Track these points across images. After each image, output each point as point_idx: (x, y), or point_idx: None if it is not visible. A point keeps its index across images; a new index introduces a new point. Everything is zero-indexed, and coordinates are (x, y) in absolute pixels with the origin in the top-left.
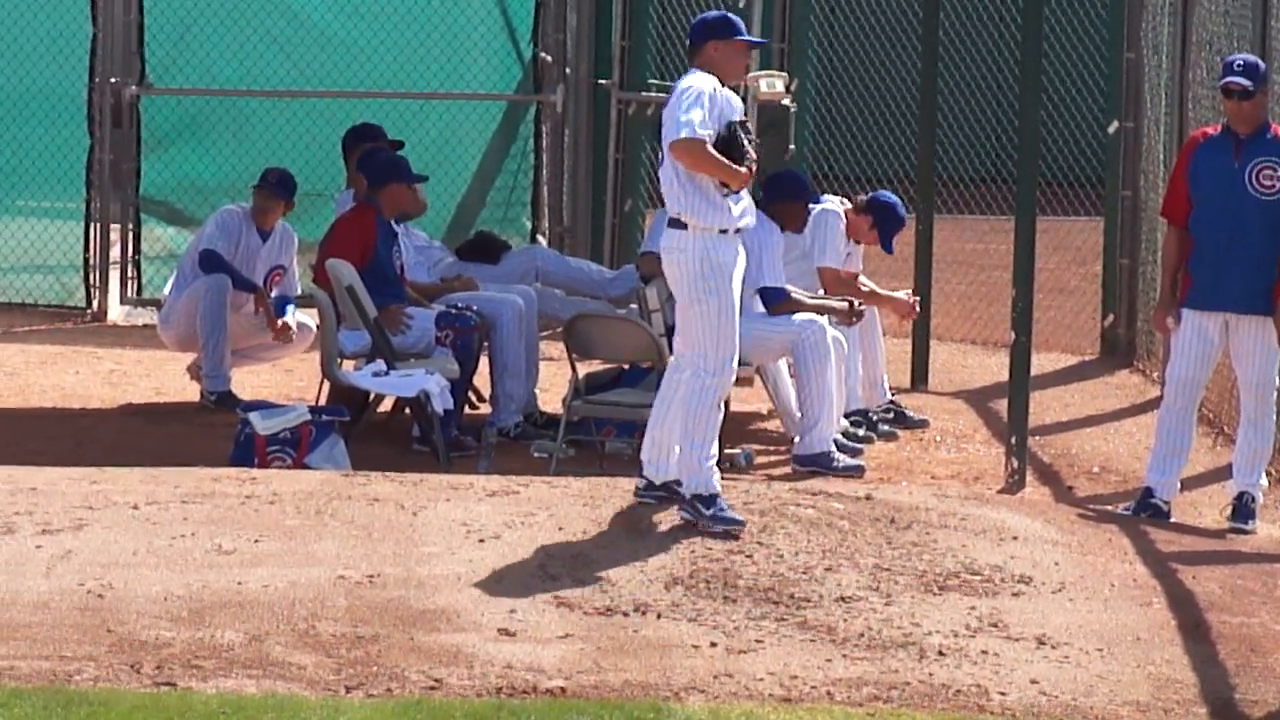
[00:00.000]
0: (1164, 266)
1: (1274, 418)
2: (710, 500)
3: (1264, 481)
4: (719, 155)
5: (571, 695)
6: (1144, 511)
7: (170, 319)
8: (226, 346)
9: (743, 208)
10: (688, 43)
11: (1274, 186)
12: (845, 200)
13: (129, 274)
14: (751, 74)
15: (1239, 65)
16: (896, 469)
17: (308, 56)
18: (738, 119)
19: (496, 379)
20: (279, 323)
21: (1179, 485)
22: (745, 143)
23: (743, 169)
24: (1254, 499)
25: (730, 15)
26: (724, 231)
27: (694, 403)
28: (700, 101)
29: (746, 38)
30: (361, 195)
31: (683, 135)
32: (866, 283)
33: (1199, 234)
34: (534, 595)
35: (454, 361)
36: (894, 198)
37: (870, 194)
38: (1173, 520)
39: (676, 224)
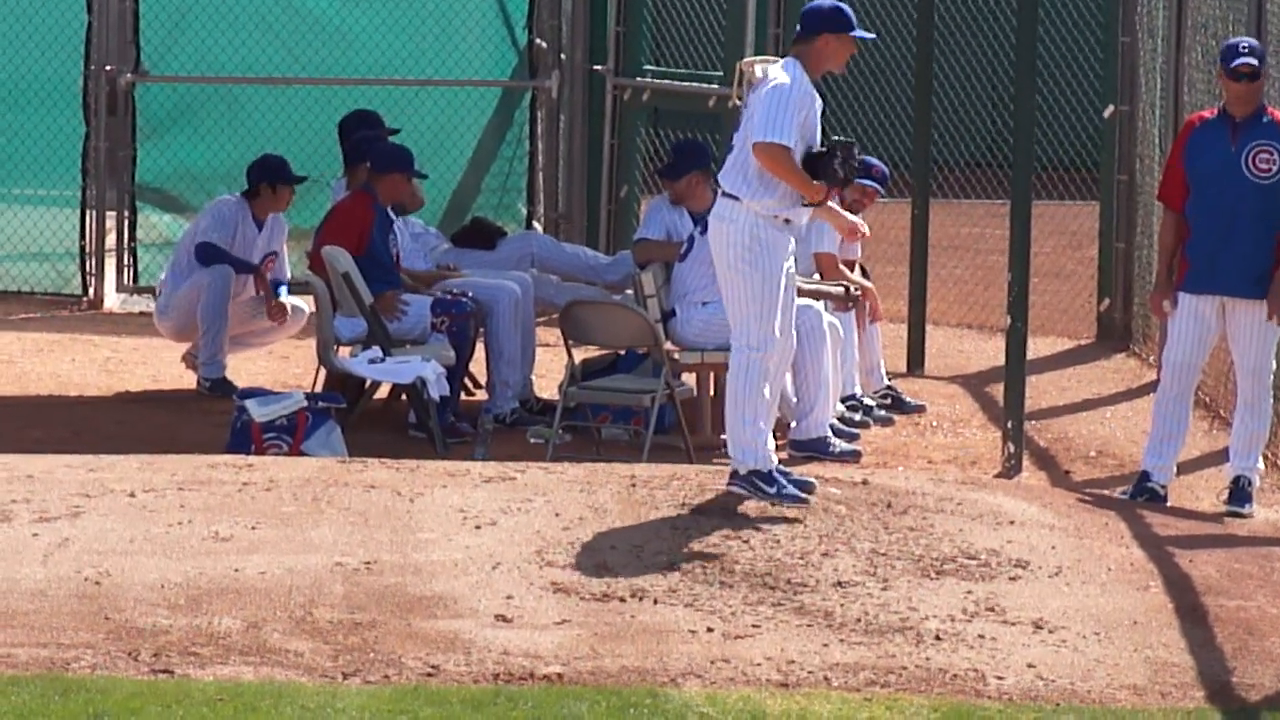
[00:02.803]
0: (1160, 250)
1: (1270, 401)
2: (769, 477)
3: (1260, 465)
4: (799, 167)
5: (568, 681)
6: (1141, 495)
7: (169, 309)
8: (225, 336)
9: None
10: (797, 29)
11: (1270, 170)
12: None
13: (125, 262)
14: (746, 59)
15: (1245, 47)
16: (893, 454)
17: (303, 43)
18: (845, 141)
19: (492, 365)
20: (274, 302)
21: (1175, 469)
22: (838, 166)
23: (818, 185)
24: (1250, 483)
25: (843, 7)
26: (777, 217)
27: (740, 379)
28: (793, 103)
29: (859, 34)
30: (358, 182)
31: (769, 139)
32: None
33: (1195, 218)
34: (530, 581)
35: (450, 348)
36: None
37: None
38: (1169, 504)
39: (731, 195)
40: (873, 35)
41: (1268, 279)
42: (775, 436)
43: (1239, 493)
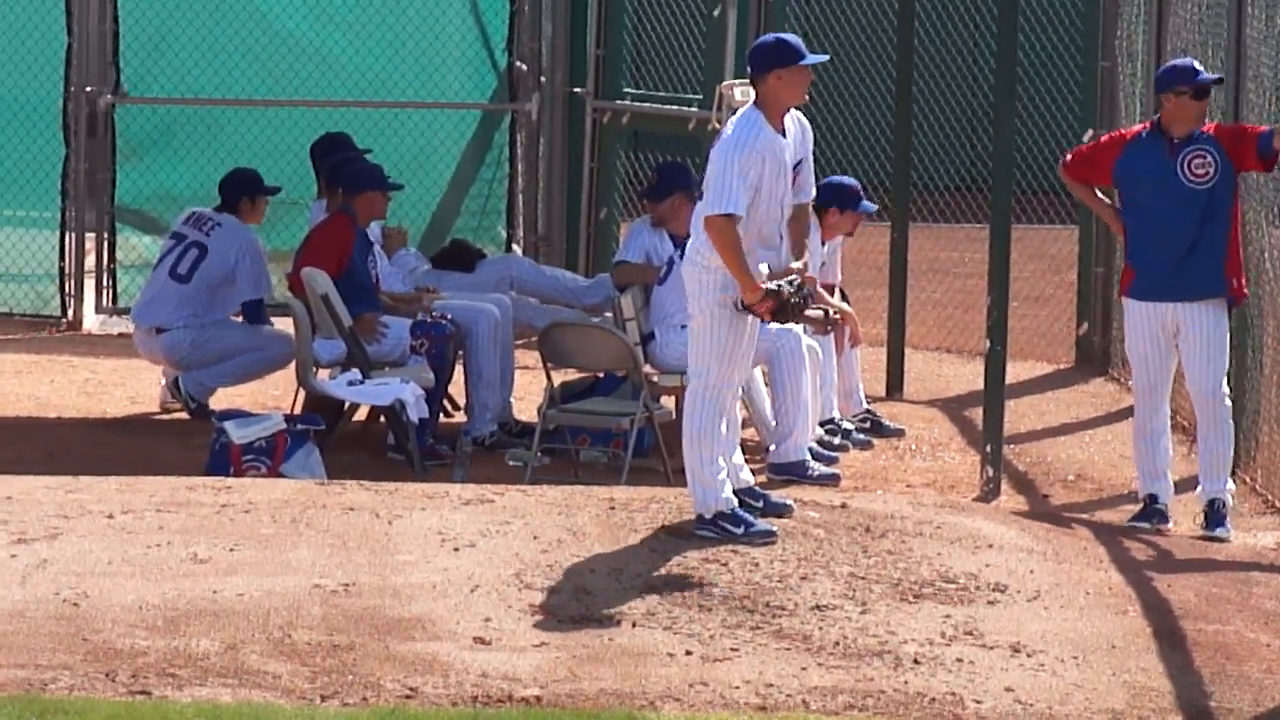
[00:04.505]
0: (1097, 207)
1: (1230, 421)
2: (734, 518)
3: (1232, 485)
4: (742, 255)
5: (547, 704)
6: (1152, 519)
7: (195, 343)
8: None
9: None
10: (748, 70)
11: (1206, 174)
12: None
13: (104, 283)
14: (725, 82)
15: (1197, 66)
16: (872, 477)
17: (282, 65)
18: (797, 281)
19: (471, 388)
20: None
21: (1173, 486)
22: (791, 306)
23: (759, 297)
24: (1225, 504)
25: (786, 38)
26: (750, 255)
27: (697, 417)
28: (738, 164)
29: (809, 61)
30: (336, 205)
31: (716, 211)
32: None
33: (1137, 228)
34: (509, 604)
35: (429, 370)
36: (835, 178)
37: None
38: (1156, 526)
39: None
40: (825, 57)
41: (1217, 282)
42: (755, 459)
43: (1214, 516)
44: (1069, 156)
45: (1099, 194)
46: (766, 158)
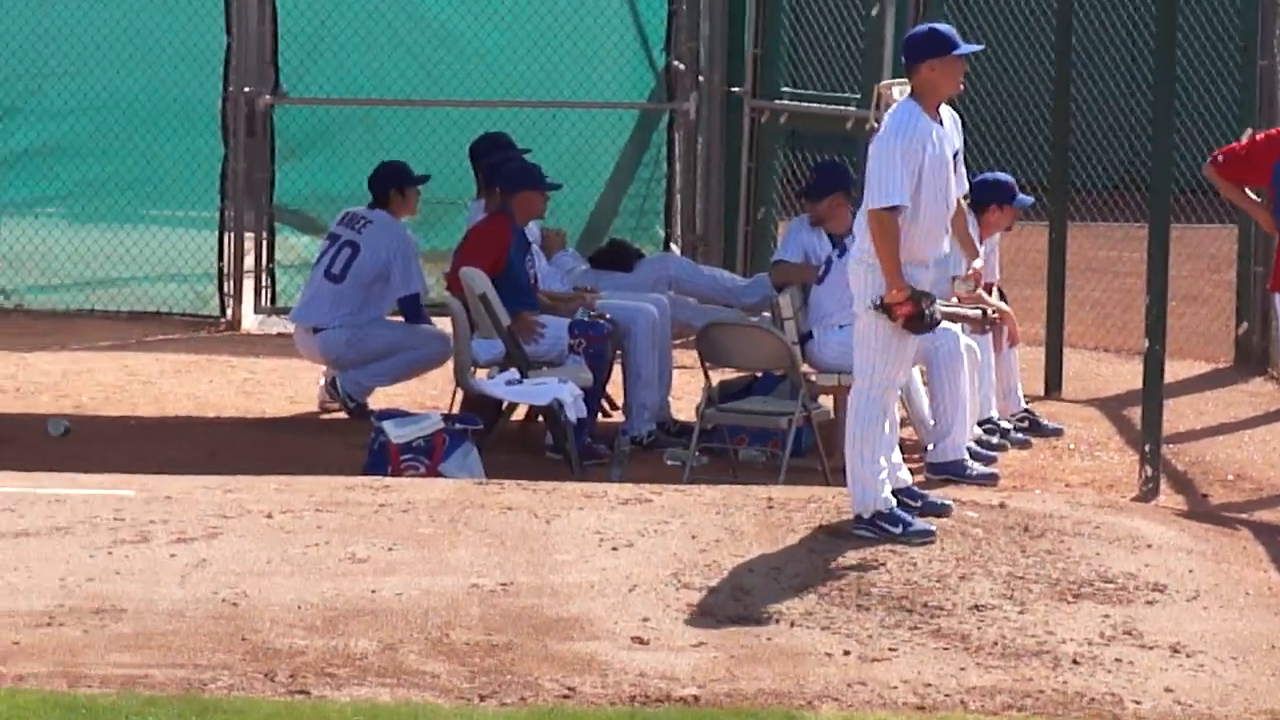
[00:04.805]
0: (1250, 207)
1: None
2: (892, 517)
3: None
4: (897, 252)
5: (705, 704)
6: None
7: (351, 341)
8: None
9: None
10: (903, 62)
11: None
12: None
13: (263, 283)
14: (884, 81)
15: None
16: (1030, 477)
17: (440, 65)
18: (924, 293)
19: (629, 387)
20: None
21: None
22: (927, 319)
23: (904, 296)
24: None
25: (939, 28)
26: (911, 264)
27: (861, 416)
28: (900, 155)
29: (963, 51)
30: (494, 204)
31: (880, 204)
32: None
33: None
34: (667, 603)
35: (587, 370)
36: (989, 174)
37: (974, 187)
38: None
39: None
40: (980, 47)
41: None
42: (914, 459)
43: None
44: (1220, 156)
45: (1249, 193)
46: (926, 145)
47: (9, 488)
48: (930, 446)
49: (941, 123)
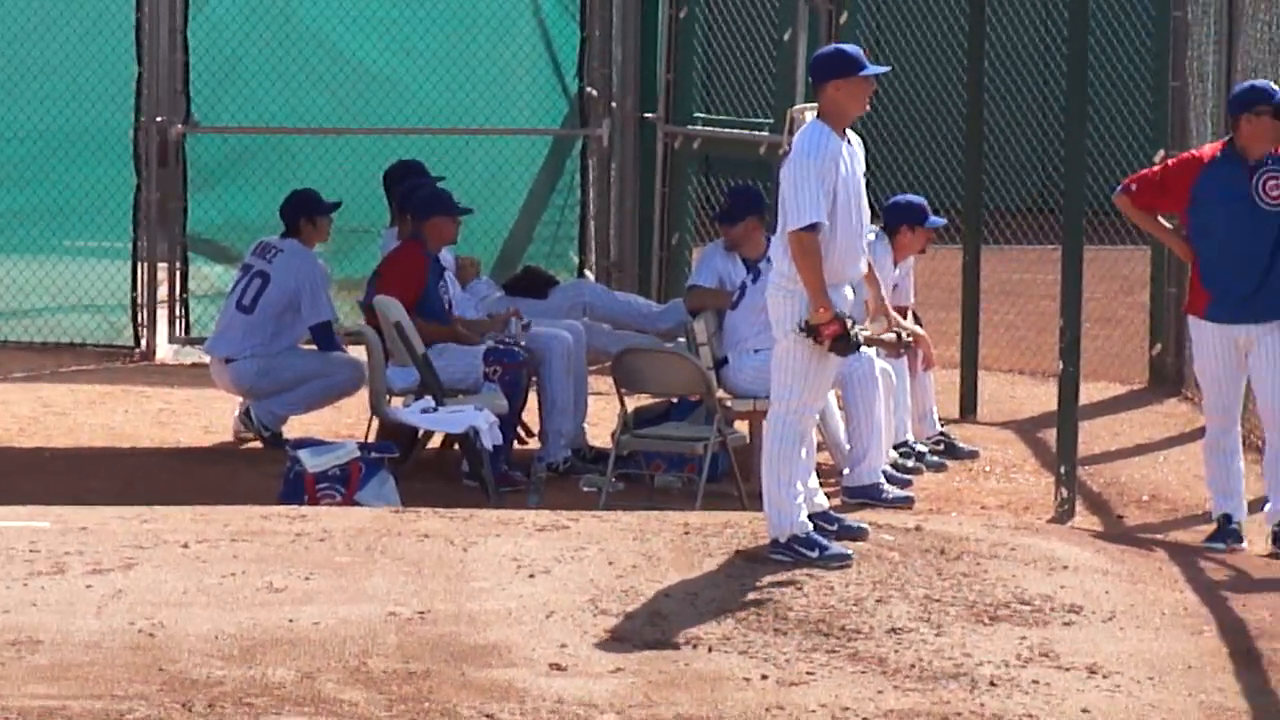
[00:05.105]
0: (1165, 236)
1: None
2: (809, 541)
3: None
4: (821, 272)
5: None
6: (1228, 540)
7: (262, 371)
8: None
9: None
10: (810, 81)
11: None
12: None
13: (177, 313)
14: (796, 106)
15: (1273, 87)
16: (946, 500)
17: (353, 94)
18: (843, 314)
19: (545, 414)
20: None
21: (1246, 506)
22: (852, 340)
23: (829, 317)
24: None
25: (845, 49)
26: (834, 286)
27: (777, 440)
28: (813, 174)
29: (869, 72)
30: (406, 231)
31: (798, 225)
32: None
33: (1211, 251)
34: (584, 629)
35: (502, 397)
36: (901, 196)
37: (886, 210)
38: (1231, 546)
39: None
40: (886, 69)
41: None
42: (829, 483)
43: None
44: (1133, 185)
45: (1161, 220)
46: (839, 163)
47: None
48: (846, 470)
49: (850, 143)
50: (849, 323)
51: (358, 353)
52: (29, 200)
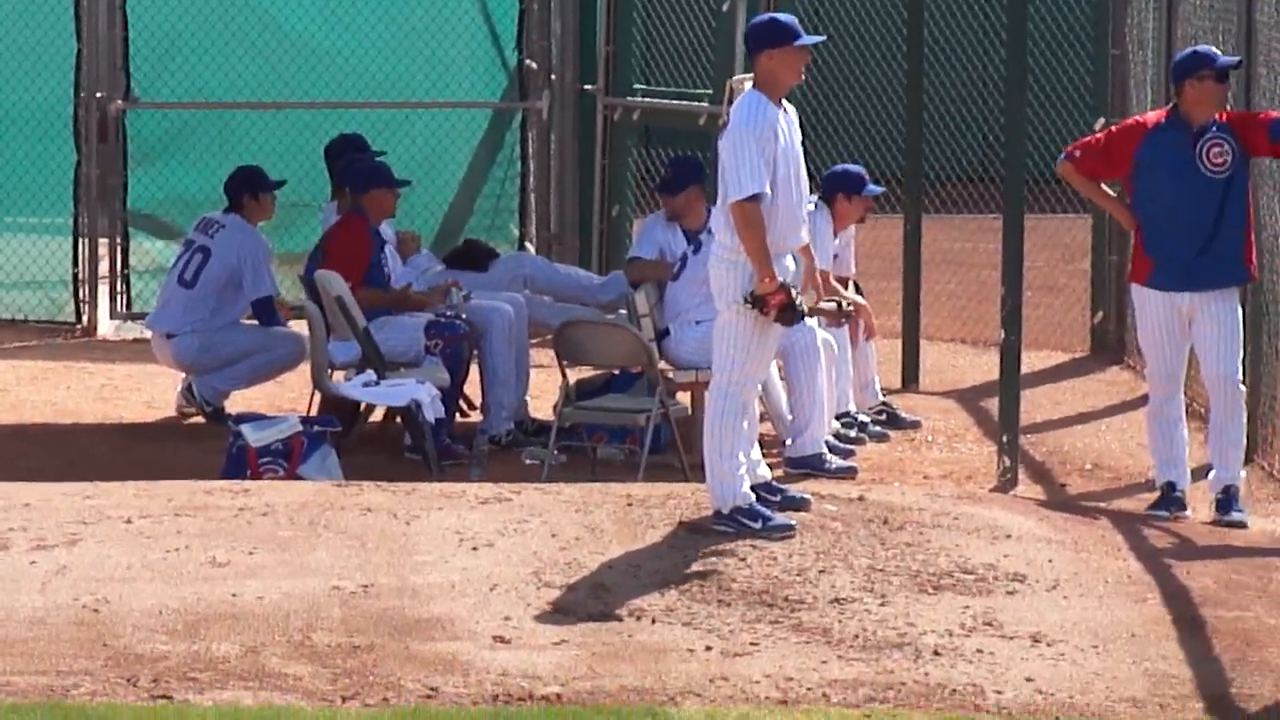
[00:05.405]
0: (1107, 203)
1: (1244, 407)
2: (751, 512)
3: (1243, 472)
4: (765, 242)
5: (567, 701)
6: (1172, 508)
7: (204, 347)
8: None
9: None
10: (747, 50)
11: (1224, 163)
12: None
13: (118, 289)
14: (736, 77)
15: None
16: (889, 470)
17: (292, 68)
18: (786, 284)
19: (487, 387)
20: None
21: (1190, 474)
22: (796, 309)
23: (774, 286)
24: (1238, 490)
25: (779, 18)
26: (776, 256)
27: (719, 412)
28: (753, 142)
29: (803, 42)
30: (346, 205)
31: (741, 195)
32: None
33: (1155, 217)
34: (528, 602)
35: (444, 370)
36: (838, 166)
37: (824, 180)
38: (1174, 514)
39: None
40: (821, 38)
41: (1234, 270)
42: (772, 454)
43: (1227, 501)
44: (1076, 151)
45: (1104, 187)
46: (777, 132)
47: None
48: (788, 441)
49: (787, 113)
50: (794, 292)
51: (299, 327)
52: None
